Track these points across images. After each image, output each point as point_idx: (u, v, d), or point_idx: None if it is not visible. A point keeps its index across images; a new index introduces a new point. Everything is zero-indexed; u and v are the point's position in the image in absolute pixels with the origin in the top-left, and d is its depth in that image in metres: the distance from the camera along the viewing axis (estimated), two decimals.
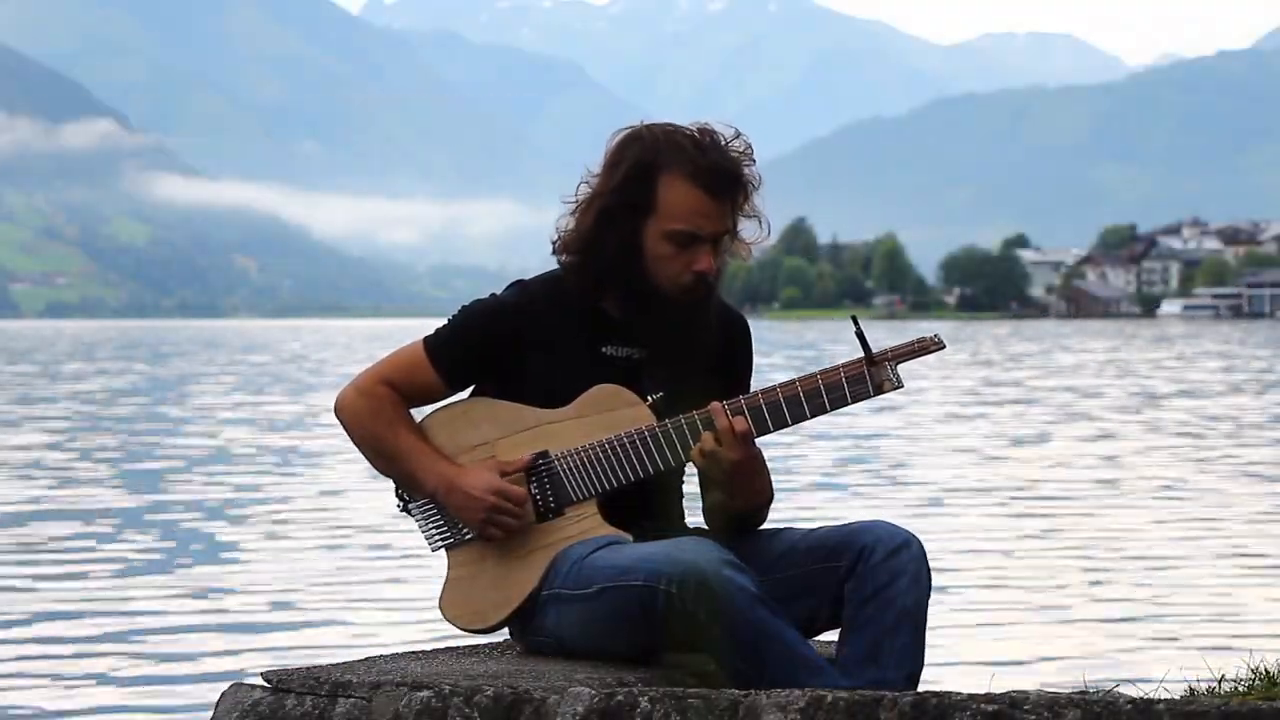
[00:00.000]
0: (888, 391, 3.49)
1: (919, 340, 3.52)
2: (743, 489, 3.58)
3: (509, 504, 3.57)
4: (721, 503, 3.65)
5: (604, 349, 3.65)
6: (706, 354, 3.69)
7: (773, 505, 3.68)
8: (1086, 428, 22.70)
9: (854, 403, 3.52)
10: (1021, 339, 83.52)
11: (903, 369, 3.51)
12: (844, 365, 3.52)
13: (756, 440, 3.54)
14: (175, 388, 37.50)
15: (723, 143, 3.61)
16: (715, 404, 3.54)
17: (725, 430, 3.50)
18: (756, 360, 3.65)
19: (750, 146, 3.65)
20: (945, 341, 3.54)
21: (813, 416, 3.53)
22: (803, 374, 3.60)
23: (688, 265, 3.58)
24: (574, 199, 3.67)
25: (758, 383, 3.63)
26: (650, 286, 3.59)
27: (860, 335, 3.49)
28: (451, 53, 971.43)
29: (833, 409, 3.52)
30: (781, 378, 3.59)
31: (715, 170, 3.56)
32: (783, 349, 61.84)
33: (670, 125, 3.64)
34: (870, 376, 3.50)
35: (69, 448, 20.43)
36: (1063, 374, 40.65)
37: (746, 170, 3.63)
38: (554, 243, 3.69)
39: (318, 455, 19.14)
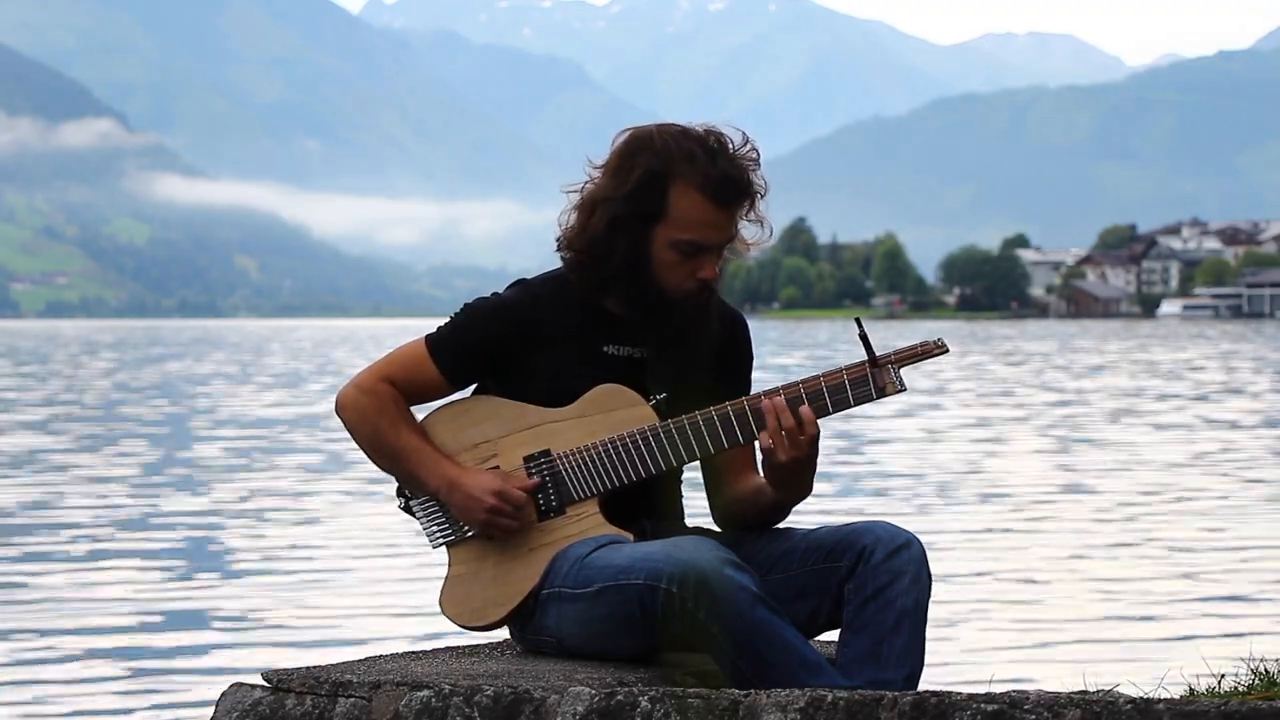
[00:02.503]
0: (890, 394, 3.50)
1: (922, 344, 3.53)
2: (795, 484, 3.57)
3: (509, 505, 3.57)
4: (756, 492, 3.66)
5: (606, 348, 3.66)
6: (707, 354, 3.71)
7: None
8: (1087, 426, 22.70)
9: (856, 405, 3.52)
10: (1021, 338, 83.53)
11: (904, 370, 3.52)
12: (847, 367, 3.53)
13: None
14: (179, 388, 37.49)
15: (732, 149, 3.59)
16: (768, 401, 3.53)
17: (792, 429, 3.49)
18: (762, 359, 4.01)
19: (758, 151, 3.65)
20: (949, 345, 3.57)
21: (816, 418, 3.52)
22: (805, 375, 3.62)
23: (692, 272, 3.59)
24: (577, 188, 3.67)
25: (763, 381, 3.65)
26: (655, 290, 3.60)
27: (864, 337, 3.50)
28: (451, 53, 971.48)
29: (835, 410, 3.53)
30: (786, 378, 3.57)
31: (725, 180, 3.55)
32: (792, 349, 61.87)
33: (680, 129, 3.61)
34: (873, 379, 3.50)
35: (69, 446, 20.44)
36: (1063, 373, 40.65)
37: (754, 178, 3.63)
38: (558, 240, 3.69)
39: (318, 455, 19.15)
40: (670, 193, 3.55)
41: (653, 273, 3.59)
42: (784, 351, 57.95)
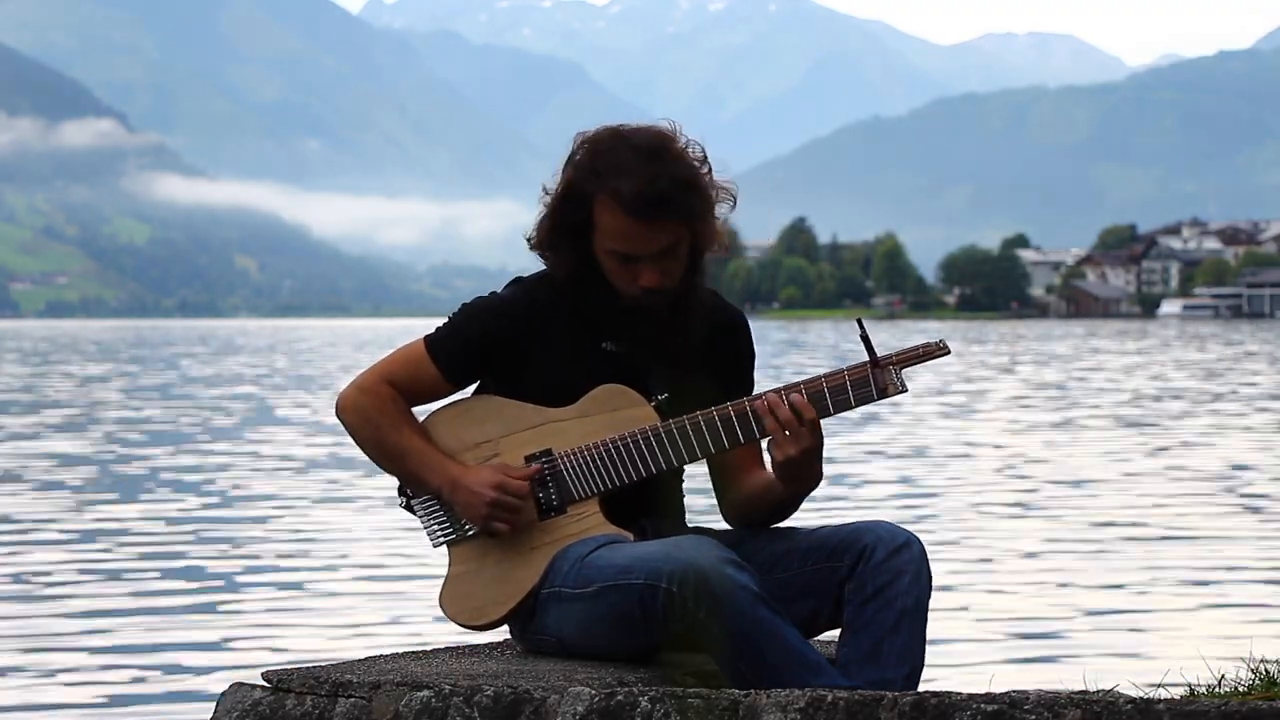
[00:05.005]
0: (891, 395, 3.51)
1: (924, 346, 3.53)
2: (804, 475, 3.57)
3: (510, 498, 3.58)
4: (766, 489, 3.66)
5: (604, 345, 3.67)
6: (703, 353, 3.71)
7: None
8: (1086, 426, 22.70)
9: (858, 406, 3.52)
10: (1021, 338, 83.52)
11: (905, 371, 3.52)
12: (848, 368, 3.53)
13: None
14: (178, 388, 37.50)
15: (670, 156, 3.57)
16: (761, 401, 3.54)
17: (791, 420, 3.50)
18: (766, 358, 3.91)
19: (704, 157, 3.64)
20: (950, 347, 3.57)
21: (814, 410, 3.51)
22: (807, 376, 3.62)
23: (634, 279, 3.60)
24: (552, 180, 3.68)
25: (764, 382, 3.65)
26: (610, 292, 3.64)
27: (865, 339, 3.51)
28: (451, 53, 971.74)
29: (836, 411, 3.53)
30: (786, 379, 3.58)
31: (642, 197, 3.52)
32: (798, 349, 61.88)
33: (619, 137, 3.61)
34: (874, 380, 3.51)
35: (68, 445, 20.44)
36: (1060, 372, 40.64)
37: (687, 190, 3.57)
38: (528, 238, 3.74)
39: (318, 455, 19.15)
40: (594, 205, 3.57)
41: (606, 276, 3.63)
42: (790, 350, 57.98)
